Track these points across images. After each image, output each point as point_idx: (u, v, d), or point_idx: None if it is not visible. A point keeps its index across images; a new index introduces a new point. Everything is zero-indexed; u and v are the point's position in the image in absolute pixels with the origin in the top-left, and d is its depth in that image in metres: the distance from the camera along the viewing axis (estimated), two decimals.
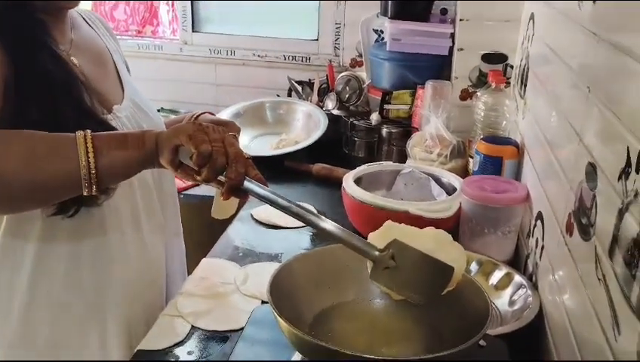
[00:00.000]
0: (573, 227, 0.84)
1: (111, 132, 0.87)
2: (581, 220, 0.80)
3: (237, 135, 1.19)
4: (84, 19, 1.10)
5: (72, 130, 0.83)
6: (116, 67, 1.10)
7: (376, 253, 0.78)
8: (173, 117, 1.31)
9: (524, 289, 1.04)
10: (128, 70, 1.17)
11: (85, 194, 0.81)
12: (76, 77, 0.94)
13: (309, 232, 1.37)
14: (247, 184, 0.81)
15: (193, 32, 2.25)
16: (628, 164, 0.64)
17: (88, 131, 0.81)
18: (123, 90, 1.07)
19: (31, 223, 0.93)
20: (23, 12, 0.92)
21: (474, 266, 1.14)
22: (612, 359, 0.64)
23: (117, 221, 1.00)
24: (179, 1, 2.24)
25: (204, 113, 1.22)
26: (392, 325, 0.85)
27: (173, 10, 2.32)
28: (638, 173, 0.61)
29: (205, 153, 0.78)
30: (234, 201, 1.24)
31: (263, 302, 1.08)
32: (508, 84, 1.56)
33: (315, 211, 1.22)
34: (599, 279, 0.70)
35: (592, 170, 0.77)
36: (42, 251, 0.95)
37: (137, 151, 0.82)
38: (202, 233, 1.52)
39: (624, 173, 0.65)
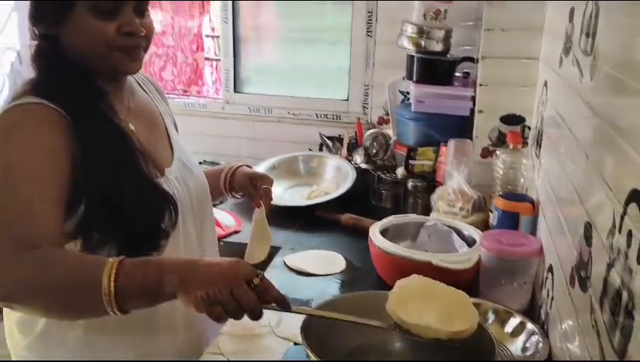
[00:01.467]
0: (575, 279, 0.93)
1: (133, 275, 0.87)
2: (580, 273, 0.90)
3: (270, 186, 1.32)
4: (138, 83, 1.19)
5: (129, 196, 0.95)
6: (167, 129, 1.19)
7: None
8: (213, 168, 1.41)
9: (536, 336, 1.13)
10: (176, 128, 1.26)
11: (109, 311, 0.86)
12: (133, 145, 1.02)
13: (336, 280, 1.48)
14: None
15: (235, 92, 2.43)
16: (614, 225, 0.74)
17: (119, 258, 0.87)
18: (172, 151, 1.16)
19: None
20: (86, 82, 1.00)
21: (490, 315, 1.22)
22: None
23: None
24: (222, 63, 2.43)
25: (242, 166, 1.35)
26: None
27: (216, 72, 2.52)
28: (620, 234, 0.72)
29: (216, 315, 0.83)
30: (266, 246, 1.37)
31: (296, 344, 1.18)
32: (525, 144, 1.67)
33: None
34: (592, 326, 0.79)
35: (588, 229, 0.88)
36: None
37: (156, 298, 0.88)
38: None
39: (611, 233, 0.75)
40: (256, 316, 0.85)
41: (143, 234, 1.00)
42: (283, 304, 0.88)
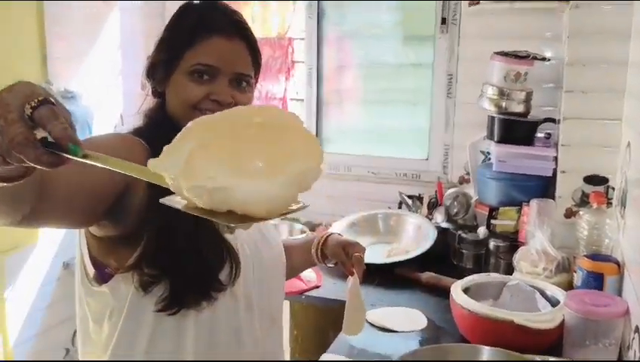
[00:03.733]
0: None
1: None
2: None
3: (362, 254, 1.29)
4: None
5: (193, 238, 0.98)
6: None
7: None
8: (300, 239, 1.43)
9: None
10: None
11: None
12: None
13: (418, 337, 1.50)
14: None
15: None
16: None
17: None
18: None
19: (143, 318, 1.02)
20: (172, 126, 1.01)
21: None
22: None
23: (217, 330, 1.06)
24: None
25: (333, 234, 1.33)
26: None
27: None
28: None
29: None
30: (361, 316, 1.33)
31: None
32: (610, 204, 1.66)
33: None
34: None
35: None
36: (150, 344, 1.03)
37: None
38: (319, 332, 1.69)
39: None
40: (28, 157, 0.56)
41: (198, 281, 1.02)
42: (62, 143, 0.57)
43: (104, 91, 2.40)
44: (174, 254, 1.00)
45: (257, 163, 0.53)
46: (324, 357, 1.37)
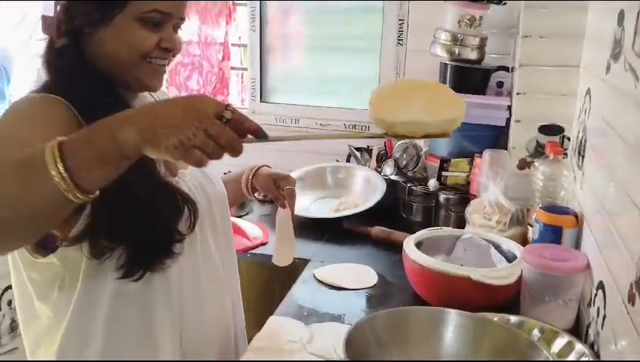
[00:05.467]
0: (635, 297, 0.86)
1: (81, 130, 0.75)
2: None
3: (293, 187, 1.29)
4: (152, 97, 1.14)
5: (141, 195, 0.90)
6: None
7: None
8: (232, 173, 1.37)
9: (586, 358, 1.06)
10: None
11: (73, 200, 0.70)
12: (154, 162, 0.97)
13: (368, 294, 1.42)
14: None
15: (261, 101, 2.40)
16: None
17: (60, 138, 0.71)
18: None
19: (102, 285, 0.96)
20: (111, 95, 0.96)
21: (536, 333, 1.15)
22: None
23: (179, 287, 1.02)
24: (248, 72, 2.41)
25: (263, 166, 1.34)
26: None
27: (242, 81, 2.49)
28: None
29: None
30: (291, 249, 1.34)
31: None
32: (565, 155, 1.61)
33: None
34: None
35: None
36: (112, 312, 0.97)
37: (119, 163, 0.73)
38: (266, 289, 1.60)
39: None
40: (237, 152, 0.72)
41: (157, 238, 0.95)
42: (260, 134, 0.76)
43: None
44: (127, 216, 0.90)
45: (436, 111, 0.82)
46: (271, 320, 1.27)
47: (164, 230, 0.95)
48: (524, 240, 1.57)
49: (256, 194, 1.34)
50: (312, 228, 1.80)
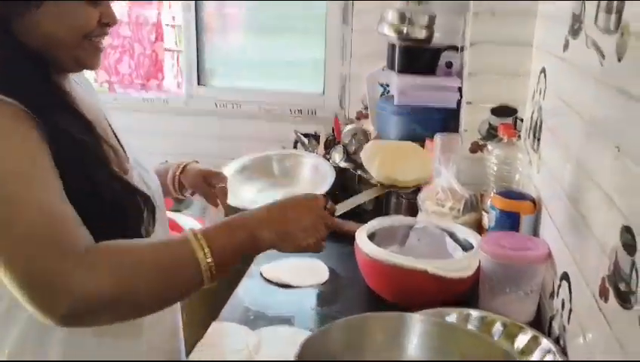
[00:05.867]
0: (609, 292, 0.80)
1: (216, 225, 0.85)
2: (618, 286, 0.77)
3: (226, 184, 1.19)
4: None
5: (107, 195, 0.82)
6: (111, 126, 1.03)
7: None
8: (159, 166, 1.24)
9: (551, 355, 1.00)
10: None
11: (207, 284, 0.81)
12: (99, 136, 0.88)
13: (320, 291, 1.33)
14: None
15: (198, 85, 2.25)
16: None
17: (195, 229, 0.82)
18: (124, 150, 1.01)
19: None
20: (41, 75, 0.86)
21: (498, 327, 1.09)
22: None
23: None
24: (184, 54, 2.25)
25: (191, 163, 1.23)
26: None
27: (178, 64, 2.33)
28: None
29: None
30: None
31: None
32: (519, 137, 1.55)
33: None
34: None
35: (628, 235, 0.74)
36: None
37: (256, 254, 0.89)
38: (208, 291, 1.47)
39: None
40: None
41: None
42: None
43: None
44: (93, 221, 0.79)
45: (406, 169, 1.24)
46: (214, 326, 1.16)
47: (132, 233, 0.86)
48: (478, 227, 1.51)
49: (183, 192, 1.22)
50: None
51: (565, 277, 1.04)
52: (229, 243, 0.82)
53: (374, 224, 1.39)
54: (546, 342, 1.02)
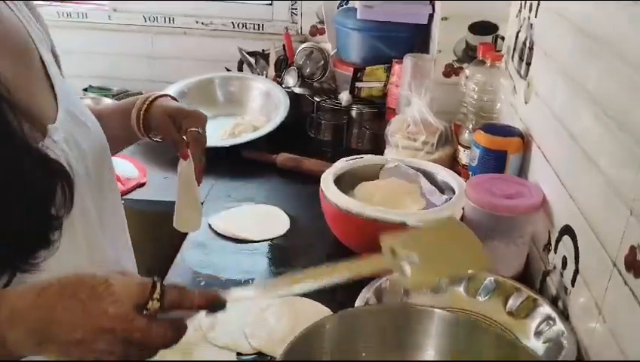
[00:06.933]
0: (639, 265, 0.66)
1: None
2: None
3: (201, 128, 0.96)
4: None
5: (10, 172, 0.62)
6: (45, 66, 0.81)
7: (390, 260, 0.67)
8: (123, 101, 1.03)
9: (552, 322, 0.87)
10: (58, 62, 0.86)
11: None
12: None
13: (280, 245, 1.16)
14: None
15: None
16: None
17: None
18: (56, 99, 0.79)
19: None
20: None
21: (489, 284, 0.96)
22: None
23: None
24: None
25: (162, 97, 0.97)
26: None
27: None
28: None
29: None
30: (197, 210, 1.02)
31: (239, 354, 0.87)
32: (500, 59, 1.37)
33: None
34: None
35: None
36: None
37: None
38: (152, 248, 1.28)
39: None
40: (176, 341, 0.61)
41: (27, 229, 0.67)
42: (214, 303, 0.62)
43: None
44: None
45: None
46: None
47: (33, 217, 0.67)
48: (452, 163, 1.36)
49: (151, 136, 0.97)
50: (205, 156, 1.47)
51: (568, 231, 0.90)
52: None
53: (341, 166, 1.22)
54: (547, 308, 0.89)
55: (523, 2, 1.26)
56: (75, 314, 0.56)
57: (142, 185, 1.37)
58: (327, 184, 1.13)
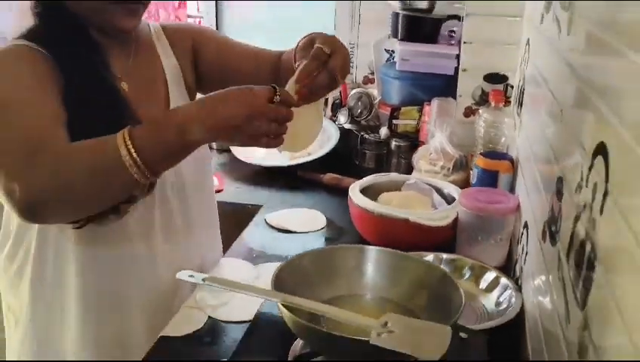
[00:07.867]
0: (546, 234, 0.94)
1: (145, 122, 0.87)
2: (551, 228, 0.91)
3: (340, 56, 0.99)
4: (153, 37, 1.13)
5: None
6: (168, 92, 1.12)
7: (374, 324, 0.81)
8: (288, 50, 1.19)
9: (510, 291, 1.15)
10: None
11: (144, 182, 0.84)
12: (123, 104, 0.97)
13: (317, 237, 1.49)
14: None
15: None
16: (582, 178, 0.75)
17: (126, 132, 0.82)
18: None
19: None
20: (80, 33, 0.97)
21: (467, 271, 1.24)
22: (565, 347, 0.74)
23: (129, 238, 1.07)
24: (204, 21, 2.38)
25: (321, 34, 1.04)
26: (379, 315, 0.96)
27: None
28: (587, 186, 0.72)
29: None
30: (316, 130, 1.06)
31: None
32: (508, 103, 1.67)
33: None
34: (559, 279, 0.80)
35: (560, 184, 0.88)
36: (61, 256, 1.04)
37: (187, 152, 0.87)
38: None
39: (579, 187, 0.76)
40: (291, 117, 0.87)
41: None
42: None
43: None
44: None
45: None
46: (221, 261, 1.33)
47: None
48: (466, 185, 1.65)
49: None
50: (266, 176, 1.87)
51: (526, 225, 1.18)
52: (156, 140, 0.82)
53: (369, 179, 1.54)
54: (504, 281, 1.17)
55: (523, 57, 1.56)
56: (232, 107, 0.83)
57: (219, 191, 1.77)
58: (353, 190, 1.46)
